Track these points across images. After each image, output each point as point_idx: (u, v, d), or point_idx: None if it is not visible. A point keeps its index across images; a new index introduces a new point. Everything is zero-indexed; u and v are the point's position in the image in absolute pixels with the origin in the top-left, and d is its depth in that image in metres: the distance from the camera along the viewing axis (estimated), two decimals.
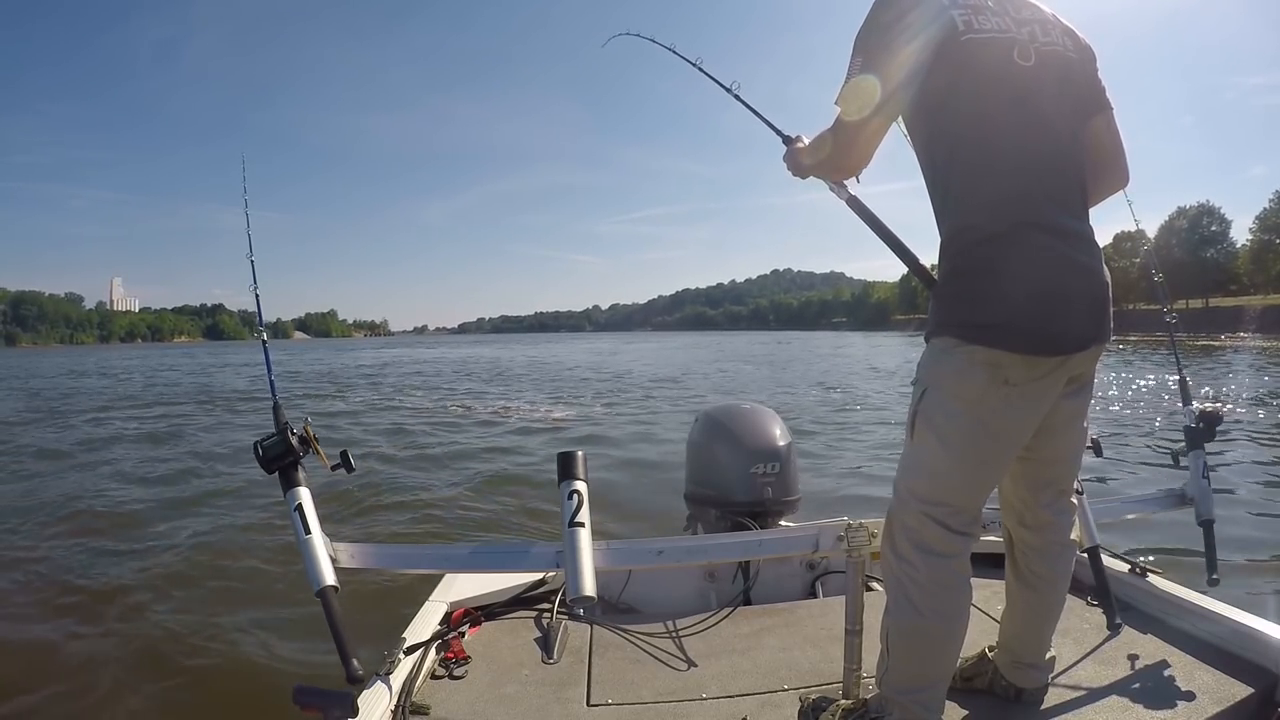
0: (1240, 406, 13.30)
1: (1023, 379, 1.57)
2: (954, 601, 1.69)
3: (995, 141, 1.60)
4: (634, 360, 39.74)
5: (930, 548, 1.65)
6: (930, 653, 1.70)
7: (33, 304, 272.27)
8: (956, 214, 1.65)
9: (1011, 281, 1.55)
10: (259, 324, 2.19)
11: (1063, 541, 1.89)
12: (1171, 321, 3.06)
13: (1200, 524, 2.65)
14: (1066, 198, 1.64)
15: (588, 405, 17.11)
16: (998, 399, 1.58)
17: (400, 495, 7.57)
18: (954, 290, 1.65)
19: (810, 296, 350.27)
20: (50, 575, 5.28)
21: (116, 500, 7.68)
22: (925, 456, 1.67)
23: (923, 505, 1.65)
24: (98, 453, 10.91)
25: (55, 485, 8.47)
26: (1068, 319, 1.58)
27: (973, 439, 1.61)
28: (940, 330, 1.64)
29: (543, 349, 65.16)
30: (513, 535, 6.33)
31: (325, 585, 1.75)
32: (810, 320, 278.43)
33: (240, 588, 4.95)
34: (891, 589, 1.73)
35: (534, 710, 1.98)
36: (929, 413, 1.65)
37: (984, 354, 1.55)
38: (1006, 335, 1.54)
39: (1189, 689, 1.92)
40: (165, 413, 16.73)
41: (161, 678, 3.70)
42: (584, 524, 1.91)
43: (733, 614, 2.56)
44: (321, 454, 1.89)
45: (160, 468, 9.60)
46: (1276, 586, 4.42)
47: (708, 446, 3.14)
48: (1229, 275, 78.21)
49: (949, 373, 1.62)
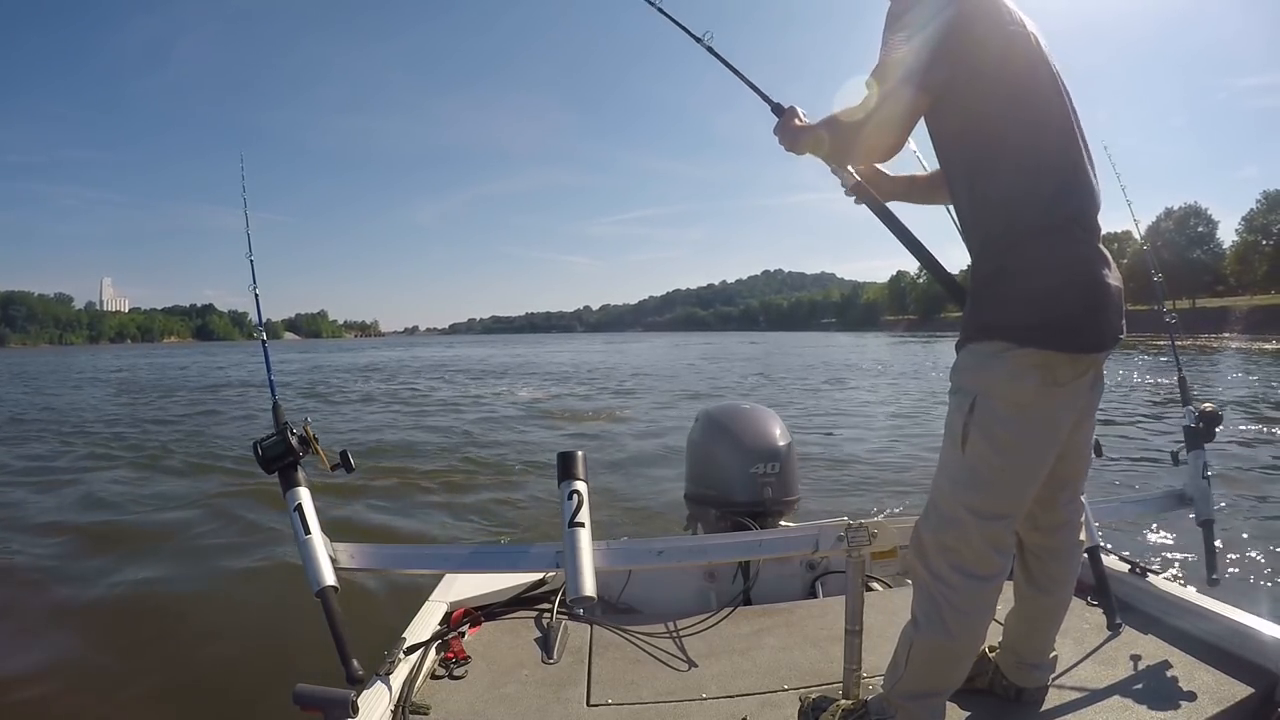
0: (1237, 405, 13.33)
1: (1069, 378, 1.56)
2: (984, 623, 1.68)
3: (1041, 139, 1.58)
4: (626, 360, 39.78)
5: (971, 570, 1.61)
6: (949, 668, 1.70)
7: (22, 304, 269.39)
8: (1001, 209, 1.58)
9: (1062, 277, 1.53)
10: (258, 324, 2.18)
11: (1074, 542, 1.88)
12: (1171, 321, 3.07)
13: (1200, 524, 2.66)
14: (1092, 191, 1.62)
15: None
16: (1050, 401, 1.56)
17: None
18: (1001, 292, 1.58)
19: (801, 297, 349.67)
20: (51, 575, 5.27)
21: (116, 500, 7.66)
22: (981, 468, 1.59)
23: (981, 521, 1.59)
24: (98, 453, 10.89)
25: (55, 485, 8.46)
26: (1106, 313, 1.57)
27: (1031, 444, 1.58)
28: (986, 334, 1.58)
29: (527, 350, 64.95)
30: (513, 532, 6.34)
31: (325, 585, 1.75)
32: (800, 321, 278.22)
33: (240, 587, 4.95)
34: (923, 605, 1.67)
35: (534, 710, 1.98)
36: (984, 422, 1.57)
37: (1037, 356, 1.52)
38: (1058, 335, 1.52)
39: (1189, 689, 1.93)
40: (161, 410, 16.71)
41: (162, 678, 3.69)
42: (584, 524, 1.91)
43: (733, 614, 2.56)
44: (321, 454, 1.88)
45: (160, 468, 9.58)
46: (1276, 586, 4.44)
47: (708, 446, 3.14)
48: (1216, 276, 78.57)
49: (1001, 379, 1.56)
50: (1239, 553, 4.96)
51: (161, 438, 12.37)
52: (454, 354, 56.79)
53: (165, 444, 11.58)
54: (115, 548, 5.97)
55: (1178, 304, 40.76)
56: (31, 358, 77.23)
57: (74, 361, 57.48)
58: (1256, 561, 4.86)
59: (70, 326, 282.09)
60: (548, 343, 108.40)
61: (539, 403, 17.62)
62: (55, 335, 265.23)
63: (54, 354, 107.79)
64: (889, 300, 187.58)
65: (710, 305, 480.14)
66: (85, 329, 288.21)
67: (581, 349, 64.31)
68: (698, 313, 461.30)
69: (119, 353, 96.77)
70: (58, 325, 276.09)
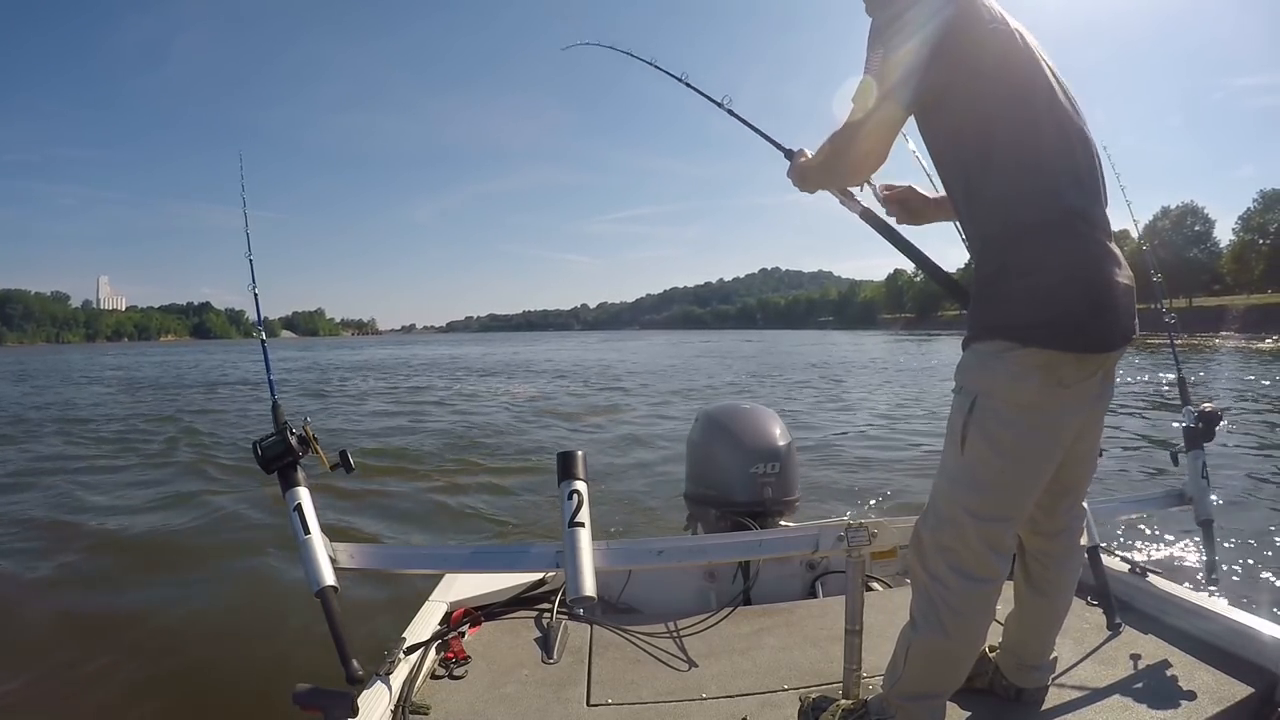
0: (1234, 404, 13.34)
1: (1075, 379, 1.54)
2: (983, 623, 1.67)
3: (1036, 136, 1.56)
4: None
5: (969, 572, 1.60)
6: (948, 669, 1.70)
7: (19, 302, 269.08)
8: (999, 208, 1.57)
9: (1064, 274, 1.50)
10: (257, 324, 2.17)
11: (1075, 546, 1.88)
12: (1171, 321, 3.07)
13: (1199, 523, 2.67)
14: (1097, 188, 1.61)
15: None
16: (1054, 402, 1.54)
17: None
18: (1002, 291, 1.56)
19: (798, 295, 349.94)
20: (50, 575, 5.27)
21: (114, 499, 7.65)
22: (979, 469, 1.58)
23: (979, 522, 1.58)
24: (98, 453, 10.88)
25: (52, 485, 8.42)
26: (1115, 312, 1.53)
27: (1032, 447, 1.56)
28: (989, 333, 1.57)
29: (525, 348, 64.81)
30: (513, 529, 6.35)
31: (325, 586, 1.74)
32: (798, 319, 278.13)
33: (240, 587, 4.95)
34: (921, 606, 1.67)
35: (534, 710, 1.98)
36: (983, 423, 1.56)
37: (1040, 356, 1.50)
38: (1062, 333, 1.49)
39: (1189, 689, 1.93)
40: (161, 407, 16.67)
41: (162, 678, 3.68)
42: (584, 524, 1.90)
43: (733, 614, 2.56)
44: (321, 454, 1.87)
45: (158, 465, 9.56)
46: (1276, 586, 4.44)
47: (708, 446, 3.14)
48: (1213, 275, 78.62)
49: (1003, 379, 1.54)
50: (1239, 553, 4.96)
51: (161, 436, 12.34)
52: (452, 352, 56.65)
53: (163, 443, 11.56)
54: (115, 547, 5.95)
55: (1175, 303, 40.84)
56: (29, 356, 76.96)
57: (72, 360, 57.21)
58: (1256, 561, 4.86)
59: (67, 325, 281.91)
60: (545, 341, 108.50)
61: (536, 401, 17.67)
62: (52, 334, 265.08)
63: (51, 352, 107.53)
64: (886, 298, 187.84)
65: (707, 303, 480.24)
66: (82, 327, 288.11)
67: (579, 347, 64.25)
68: (695, 311, 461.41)
69: (118, 351, 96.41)
70: (54, 324, 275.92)
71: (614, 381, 23.45)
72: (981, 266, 1.62)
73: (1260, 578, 4.61)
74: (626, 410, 15.31)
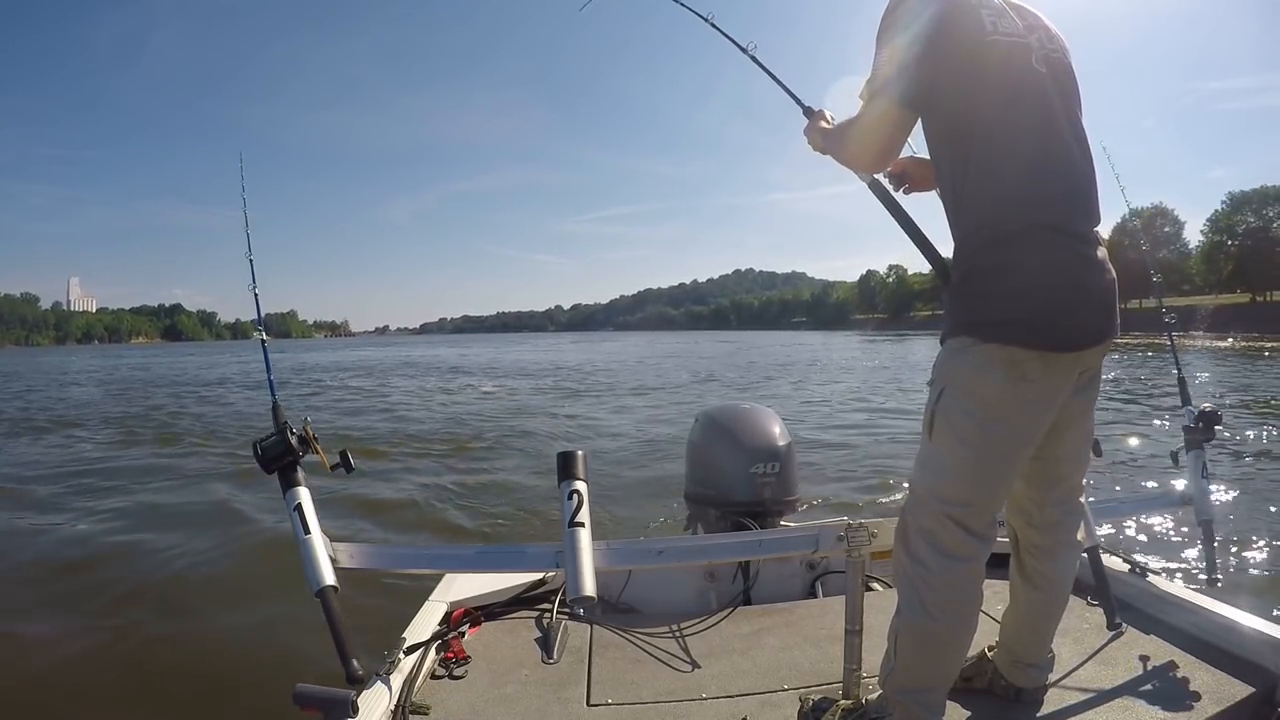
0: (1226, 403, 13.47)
1: (1039, 375, 1.57)
2: (966, 606, 1.69)
3: (1013, 143, 1.59)
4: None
5: (947, 550, 1.64)
6: (938, 656, 1.71)
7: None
8: (973, 213, 1.63)
9: (1026, 278, 1.55)
10: (257, 324, 2.19)
11: (1069, 541, 1.89)
12: (1170, 321, 3.09)
13: (1200, 523, 2.67)
14: (1079, 201, 1.63)
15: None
16: (1015, 396, 1.57)
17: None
18: (970, 289, 1.63)
19: (771, 296, 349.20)
20: (50, 575, 5.28)
21: (114, 500, 7.63)
22: (944, 456, 1.65)
23: (943, 506, 1.64)
24: (97, 451, 10.87)
25: (54, 483, 8.43)
26: (1083, 313, 1.58)
27: (992, 437, 1.60)
28: (957, 330, 1.63)
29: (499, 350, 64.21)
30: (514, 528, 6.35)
31: (325, 585, 1.75)
32: (771, 320, 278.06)
33: (240, 587, 4.94)
34: (903, 590, 1.72)
35: (534, 710, 1.98)
36: (947, 412, 1.63)
37: (1001, 352, 1.55)
38: (1023, 332, 1.54)
39: (1189, 689, 1.93)
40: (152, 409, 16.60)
41: (162, 678, 3.69)
42: (584, 524, 1.92)
43: (733, 614, 2.56)
44: (321, 454, 1.88)
45: (159, 465, 9.58)
46: (1276, 586, 4.45)
47: (707, 447, 3.14)
48: (1182, 276, 79.62)
49: (966, 371, 1.61)
50: (1239, 552, 4.98)
51: (155, 434, 12.37)
52: (425, 354, 56.41)
53: (162, 441, 11.57)
54: (115, 548, 5.94)
55: (1144, 304, 41.43)
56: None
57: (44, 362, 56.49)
58: (1256, 561, 4.88)
59: (37, 327, 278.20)
60: (521, 342, 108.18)
61: (527, 401, 17.73)
62: (21, 336, 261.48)
63: (21, 354, 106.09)
64: (859, 299, 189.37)
65: (681, 304, 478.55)
66: (52, 329, 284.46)
67: (552, 349, 64.08)
68: (669, 312, 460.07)
69: (92, 354, 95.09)
70: (24, 325, 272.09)
71: (598, 383, 23.44)
72: (956, 266, 1.68)
73: (1261, 578, 4.63)
74: (620, 413, 15.30)
